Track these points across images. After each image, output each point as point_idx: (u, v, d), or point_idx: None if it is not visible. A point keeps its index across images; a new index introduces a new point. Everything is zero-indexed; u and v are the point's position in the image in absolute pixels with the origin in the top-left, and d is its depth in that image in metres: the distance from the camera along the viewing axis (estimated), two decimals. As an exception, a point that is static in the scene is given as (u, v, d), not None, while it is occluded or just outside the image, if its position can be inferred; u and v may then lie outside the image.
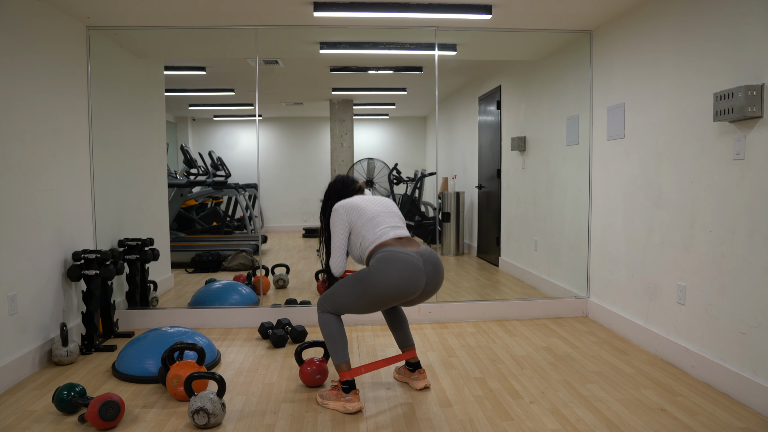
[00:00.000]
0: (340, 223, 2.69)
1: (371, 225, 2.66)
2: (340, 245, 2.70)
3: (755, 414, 2.55)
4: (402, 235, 2.67)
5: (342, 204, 2.73)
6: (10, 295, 2.99)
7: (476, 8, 3.63)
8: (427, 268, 2.59)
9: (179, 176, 6.44)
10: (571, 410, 2.61)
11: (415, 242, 2.69)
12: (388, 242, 2.61)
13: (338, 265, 2.71)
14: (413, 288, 2.54)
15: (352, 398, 2.61)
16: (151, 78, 5.04)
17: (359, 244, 2.67)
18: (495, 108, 5.77)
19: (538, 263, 4.97)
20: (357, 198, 2.77)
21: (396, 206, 2.84)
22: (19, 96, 3.10)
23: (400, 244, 2.61)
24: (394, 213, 2.77)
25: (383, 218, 2.69)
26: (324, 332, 2.67)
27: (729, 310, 2.76)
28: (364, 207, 2.71)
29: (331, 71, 5.45)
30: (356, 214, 2.68)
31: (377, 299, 2.55)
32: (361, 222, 2.67)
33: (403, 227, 2.74)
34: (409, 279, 2.52)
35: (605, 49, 4.00)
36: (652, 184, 3.41)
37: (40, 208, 3.28)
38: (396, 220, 2.74)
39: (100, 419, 2.39)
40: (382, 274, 2.50)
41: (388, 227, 2.67)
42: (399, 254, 2.53)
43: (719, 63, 2.82)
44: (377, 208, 2.72)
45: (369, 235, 2.64)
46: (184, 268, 5.65)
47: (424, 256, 2.60)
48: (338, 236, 2.70)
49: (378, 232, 2.64)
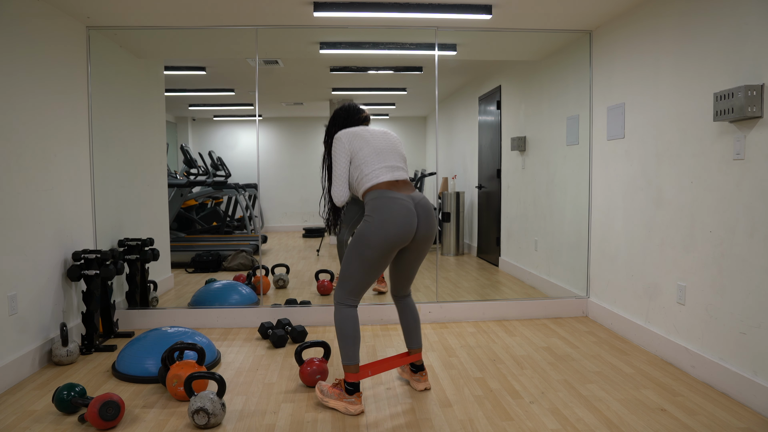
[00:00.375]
0: (341, 152, 2.64)
1: (371, 159, 2.62)
2: (341, 173, 2.65)
3: (755, 414, 2.55)
4: (399, 177, 2.64)
5: (345, 132, 2.68)
6: (10, 295, 2.99)
7: (476, 8, 3.63)
8: (419, 210, 2.59)
9: (179, 176, 6.44)
10: (571, 410, 2.61)
11: (410, 185, 2.67)
12: (382, 185, 2.59)
13: (340, 194, 2.66)
14: (408, 231, 2.53)
15: (355, 401, 2.60)
16: (151, 78, 5.04)
17: (356, 176, 2.64)
18: (495, 108, 5.76)
19: (538, 263, 4.97)
20: (361, 128, 2.72)
21: (401, 143, 2.77)
22: (19, 96, 3.10)
23: (394, 188, 2.59)
24: (397, 151, 2.72)
25: (385, 155, 2.65)
26: (338, 330, 2.61)
27: (729, 310, 2.76)
28: (368, 139, 2.67)
29: (331, 71, 5.45)
30: (358, 145, 2.64)
31: (380, 248, 2.51)
32: (363, 154, 2.63)
33: (402, 168, 2.70)
34: (403, 222, 2.51)
35: (605, 49, 4.00)
36: (652, 184, 3.41)
37: (40, 208, 3.28)
38: (397, 159, 2.69)
39: (100, 419, 2.40)
40: (377, 222, 2.50)
41: (386, 167, 2.63)
42: (392, 199, 2.53)
43: (719, 63, 2.82)
44: (381, 144, 2.68)
45: (366, 170, 2.61)
46: (184, 268, 5.65)
47: (415, 200, 2.60)
48: (339, 164, 2.65)
49: (376, 169, 2.61)
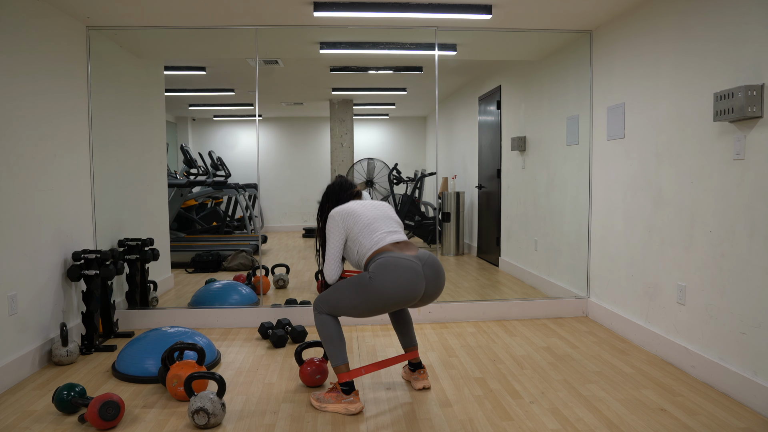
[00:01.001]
0: (335, 230, 2.67)
1: (368, 231, 2.64)
2: (334, 252, 2.68)
3: (755, 414, 2.55)
4: (399, 239, 2.66)
5: (338, 210, 2.70)
6: (10, 295, 2.99)
7: (476, 8, 3.63)
8: (427, 272, 2.58)
9: (179, 176, 6.44)
10: (571, 410, 2.61)
11: (413, 246, 2.68)
12: (386, 248, 2.59)
13: (332, 273, 2.70)
14: (414, 294, 2.53)
15: (353, 399, 2.60)
16: (151, 78, 5.04)
17: (356, 251, 2.66)
18: (495, 108, 5.77)
19: (538, 263, 4.97)
20: (353, 203, 2.75)
21: (393, 210, 2.82)
22: (19, 96, 3.10)
23: (398, 249, 2.61)
24: (390, 218, 2.75)
25: (380, 224, 2.68)
26: (321, 334, 2.66)
27: (729, 310, 2.76)
28: (361, 213, 2.69)
29: (331, 71, 5.45)
30: (352, 221, 2.66)
31: (377, 306, 2.54)
32: (358, 228, 2.65)
33: (400, 231, 2.73)
34: (410, 285, 2.50)
35: (605, 49, 4.00)
36: (652, 184, 3.41)
37: (40, 208, 3.28)
38: (393, 224, 2.72)
39: (100, 419, 2.40)
40: (382, 281, 2.49)
41: (385, 232, 2.65)
42: (398, 260, 2.52)
43: (719, 63, 2.82)
44: (373, 214, 2.70)
45: (366, 242, 2.63)
46: (184, 268, 5.65)
47: (422, 260, 2.60)
48: (333, 243, 2.68)
49: (375, 238, 2.62)
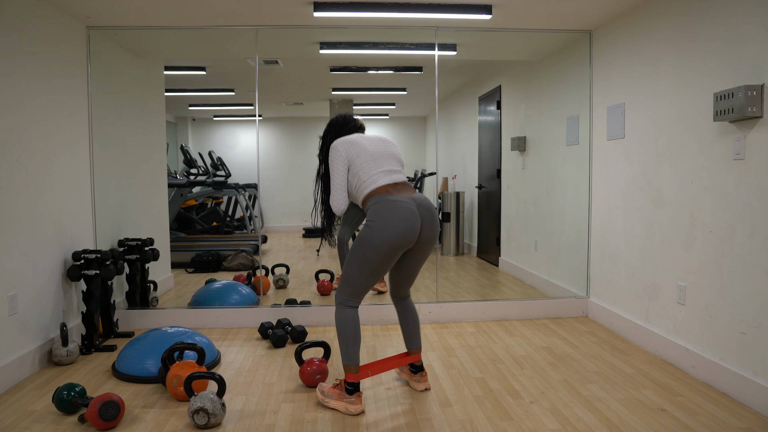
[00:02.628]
0: (339, 160, 2.65)
1: (368, 166, 2.62)
2: (340, 182, 2.65)
3: (755, 414, 2.55)
4: (397, 180, 2.65)
5: (341, 140, 2.68)
6: (10, 295, 2.99)
7: (476, 8, 3.63)
8: (422, 212, 2.59)
9: (179, 176, 6.44)
10: (571, 410, 2.61)
11: (410, 187, 2.68)
12: (381, 189, 2.59)
13: (339, 202, 2.65)
14: (411, 233, 2.52)
15: (355, 400, 2.60)
16: (151, 78, 5.04)
17: (355, 184, 2.65)
18: (495, 108, 5.76)
19: (538, 263, 4.97)
20: (357, 135, 2.73)
21: (396, 147, 2.78)
22: (19, 96, 3.10)
23: (395, 191, 2.60)
24: (393, 155, 2.73)
25: (382, 161, 2.66)
26: (339, 330, 2.61)
27: (729, 310, 2.76)
28: (364, 145, 2.67)
29: (331, 71, 5.45)
30: (355, 152, 2.64)
31: (383, 251, 2.51)
32: (360, 161, 2.63)
33: (400, 171, 2.70)
34: (407, 222, 2.50)
35: (605, 49, 4.00)
36: (652, 184, 3.41)
37: (40, 208, 3.28)
38: (394, 163, 2.70)
39: (100, 419, 2.40)
40: (381, 223, 2.49)
41: (384, 171, 2.64)
42: (394, 203, 2.52)
43: (719, 63, 2.82)
44: (377, 149, 2.68)
45: (364, 176, 2.61)
46: (184, 268, 5.65)
47: (417, 201, 2.60)
48: (338, 173, 2.65)
49: (374, 174, 2.61)
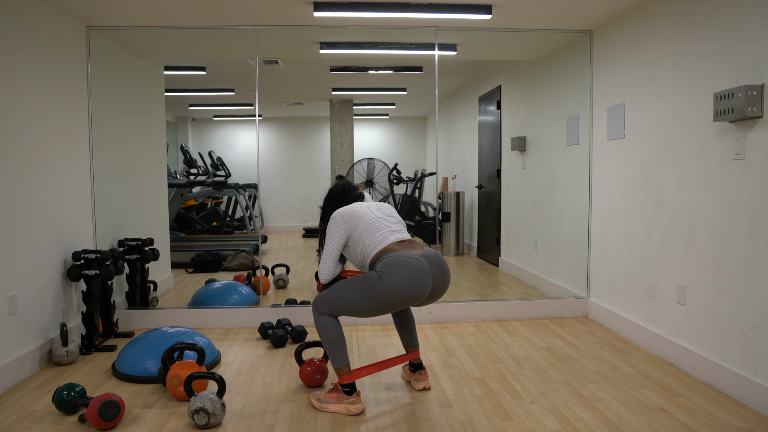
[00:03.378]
0: (336, 231, 2.66)
1: (370, 231, 2.63)
2: (331, 253, 2.67)
3: (755, 414, 2.55)
4: (403, 238, 2.66)
5: (340, 212, 2.69)
6: (10, 295, 2.99)
7: (476, 8, 3.63)
8: (433, 270, 2.57)
9: (179, 176, 6.44)
10: (571, 410, 2.61)
11: (418, 244, 2.67)
12: (391, 247, 2.58)
13: (327, 273, 2.68)
14: (421, 292, 2.52)
15: (355, 400, 2.60)
16: (151, 78, 5.04)
17: (360, 251, 2.65)
18: (495, 108, 5.77)
19: (538, 263, 4.97)
20: (356, 205, 2.74)
21: (395, 211, 2.82)
22: (19, 96, 3.10)
23: (403, 248, 2.59)
24: (393, 217, 2.75)
25: (383, 223, 2.67)
26: (322, 335, 2.64)
27: (729, 310, 2.76)
28: (363, 213, 2.68)
29: (331, 71, 5.45)
30: (354, 221, 2.65)
31: (383, 305, 2.53)
32: (360, 228, 2.64)
33: (404, 230, 2.72)
34: (417, 283, 2.49)
35: (605, 49, 4.00)
36: (652, 184, 3.41)
37: (40, 208, 3.28)
38: (396, 224, 2.72)
39: (100, 419, 2.40)
40: (390, 279, 2.47)
41: (388, 231, 2.64)
42: (405, 258, 2.51)
43: (719, 63, 2.82)
44: (376, 214, 2.70)
45: (369, 241, 2.62)
46: (184, 268, 5.65)
47: (429, 258, 2.58)
48: (331, 244, 2.66)
49: (378, 237, 2.62)
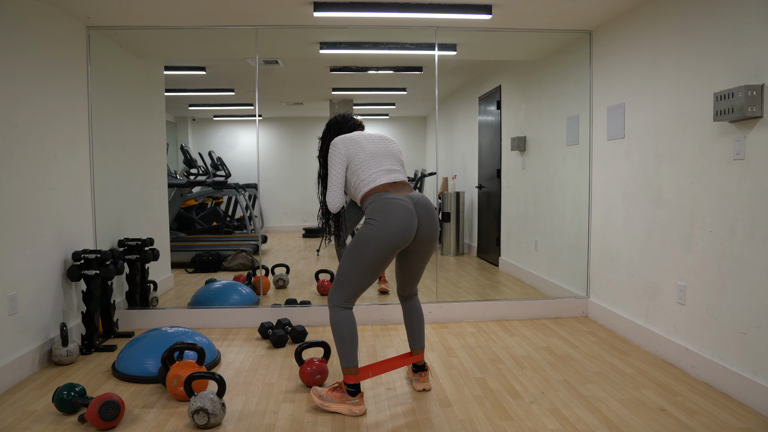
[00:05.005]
0: (338, 157, 2.64)
1: (367, 164, 2.62)
2: (337, 179, 2.64)
3: (755, 414, 2.55)
4: (396, 179, 2.64)
5: (341, 138, 2.68)
6: (10, 295, 2.99)
7: (476, 8, 3.63)
8: (419, 210, 2.58)
9: (179, 176, 6.44)
10: (571, 410, 2.61)
11: (408, 186, 2.67)
12: (380, 187, 2.59)
13: (335, 199, 2.65)
14: (409, 231, 2.51)
15: (358, 401, 2.59)
16: (151, 78, 5.04)
17: (354, 182, 2.64)
18: (495, 108, 5.76)
19: (538, 263, 4.97)
20: (357, 133, 2.72)
21: (397, 145, 2.78)
22: (19, 96, 3.10)
23: (393, 190, 2.60)
24: (392, 154, 2.72)
25: (381, 159, 2.65)
26: (335, 332, 2.59)
27: (729, 310, 2.76)
28: (363, 143, 2.66)
29: (331, 71, 5.45)
30: (354, 150, 2.64)
31: (380, 251, 2.49)
32: (359, 159, 2.63)
33: (399, 171, 2.69)
34: (404, 223, 2.49)
35: (605, 49, 4.00)
36: (652, 184, 3.41)
37: (40, 208, 3.28)
38: (393, 162, 2.69)
39: (100, 419, 2.40)
40: (380, 222, 2.48)
41: (383, 170, 2.63)
42: (391, 200, 2.52)
43: (719, 63, 2.82)
44: (376, 147, 2.68)
45: (364, 175, 2.61)
46: (184, 268, 5.65)
47: (414, 199, 2.60)
48: (335, 170, 2.64)
49: (373, 173, 2.61)
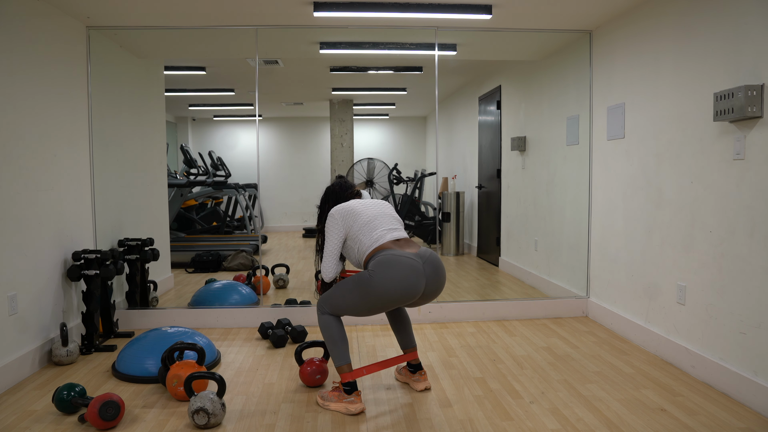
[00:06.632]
0: (334, 229, 2.66)
1: (368, 229, 2.63)
2: (332, 251, 2.67)
3: (755, 414, 2.55)
4: (399, 237, 2.65)
5: (337, 209, 2.70)
6: (10, 295, 2.99)
7: (476, 8, 3.63)
8: (427, 269, 2.56)
9: (179, 176, 6.44)
10: (571, 410, 2.61)
11: (414, 243, 2.66)
12: (385, 245, 2.58)
13: (329, 271, 2.69)
14: (413, 291, 2.51)
15: (354, 399, 2.60)
16: (151, 78, 5.04)
17: (357, 249, 2.65)
18: (495, 108, 5.77)
19: (538, 263, 4.97)
20: (353, 202, 2.74)
21: (393, 209, 2.81)
22: (19, 96, 3.10)
23: (398, 247, 2.59)
24: (390, 216, 2.74)
25: (380, 221, 2.66)
26: (324, 334, 2.66)
27: (729, 310, 2.76)
28: (360, 211, 2.68)
29: (331, 71, 5.45)
30: (352, 219, 2.65)
31: (377, 303, 2.53)
32: (357, 226, 2.64)
33: (401, 229, 2.71)
34: (409, 282, 2.49)
35: (605, 49, 4.00)
36: (652, 184, 3.41)
37: (40, 208, 3.28)
38: (393, 222, 2.71)
39: (100, 419, 2.40)
40: (381, 278, 2.47)
41: (385, 230, 2.64)
42: (398, 257, 2.51)
43: (719, 63, 2.82)
44: (373, 212, 2.69)
45: (365, 239, 2.61)
46: (184, 268, 5.65)
47: (423, 257, 2.57)
48: (332, 242, 2.67)
49: (375, 235, 2.61)
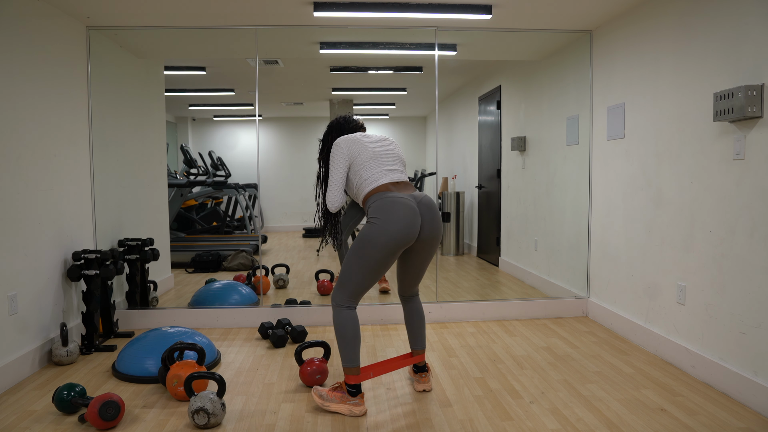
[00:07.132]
0: (340, 156, 2.64)
1: (370, 164, 2.62)
2: (337, 179, 2.64)
3: (755, 414, 2.55)
4: (399, 179, 2.65)
5: (344, 138, 2.68)
6: (10, 295, 2.99)
7: (476, 8, 3.63)
8: (422, 209, 2.57)
9: (179, 176, 6.44)
10: (571, 410, 2.61)
11: (410, 186, 2.68)
12: (382, 187, 2.59)
13: (335, 200, 2.64)
14: (412, 230, 2.50)
15: (358, 402, 2.59)
16: (151, 78, 5.04)
17: (356, 182, 2.64)
18: (495, 108, 5.76)
19: (538, 263, 4.97)
20: (359, 134, 2.73)
21: (398, 147, 2.78)
22: (19, 96, 3.10)
23: (396, 189, 2.60)
24: (394, 154, 2.73)
25: (383, 159, 2.66)
26: (338, 332, 2.57)
27: (729, 310, 2.76)
28: (366, 143, 2.67)
29: (331, 71, 5.45)
30: (357, 150, 2.64)
31: (383, 251, 2.48)
32: (361, 159, 2.63)
33: (401, 171, 2.70)
34: (407, 222, 2.49)
35: (605, 49, 4.00)
36: (652, 184, 3.41)
37: (40, 208, 3.28)
38: (396, 163, 2.70)
39: (100, 419, 2.40)
40: (384, 222, 2.47)
41: (386, 170, 2.63)
42: (394, 199, 2.51)
43: (719, 63, 2.82)
44: (379, 148, 2.69)
45: (366, 174, 2.61)
46: (184, 268, 5.65)
47: (418, 198, 2.59)
48: (336, 170, 2.64)
49: (376, 173, 2.61)
